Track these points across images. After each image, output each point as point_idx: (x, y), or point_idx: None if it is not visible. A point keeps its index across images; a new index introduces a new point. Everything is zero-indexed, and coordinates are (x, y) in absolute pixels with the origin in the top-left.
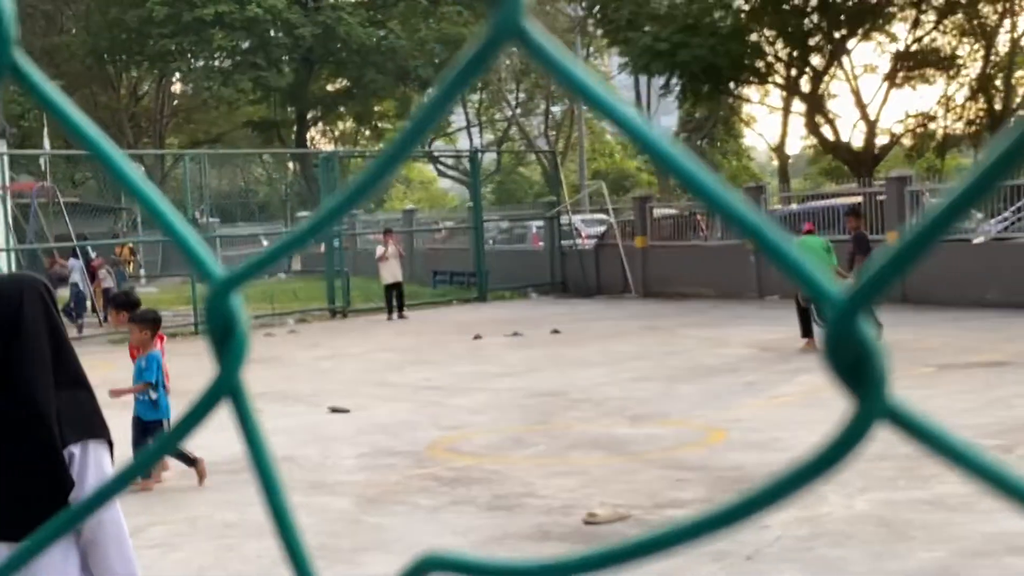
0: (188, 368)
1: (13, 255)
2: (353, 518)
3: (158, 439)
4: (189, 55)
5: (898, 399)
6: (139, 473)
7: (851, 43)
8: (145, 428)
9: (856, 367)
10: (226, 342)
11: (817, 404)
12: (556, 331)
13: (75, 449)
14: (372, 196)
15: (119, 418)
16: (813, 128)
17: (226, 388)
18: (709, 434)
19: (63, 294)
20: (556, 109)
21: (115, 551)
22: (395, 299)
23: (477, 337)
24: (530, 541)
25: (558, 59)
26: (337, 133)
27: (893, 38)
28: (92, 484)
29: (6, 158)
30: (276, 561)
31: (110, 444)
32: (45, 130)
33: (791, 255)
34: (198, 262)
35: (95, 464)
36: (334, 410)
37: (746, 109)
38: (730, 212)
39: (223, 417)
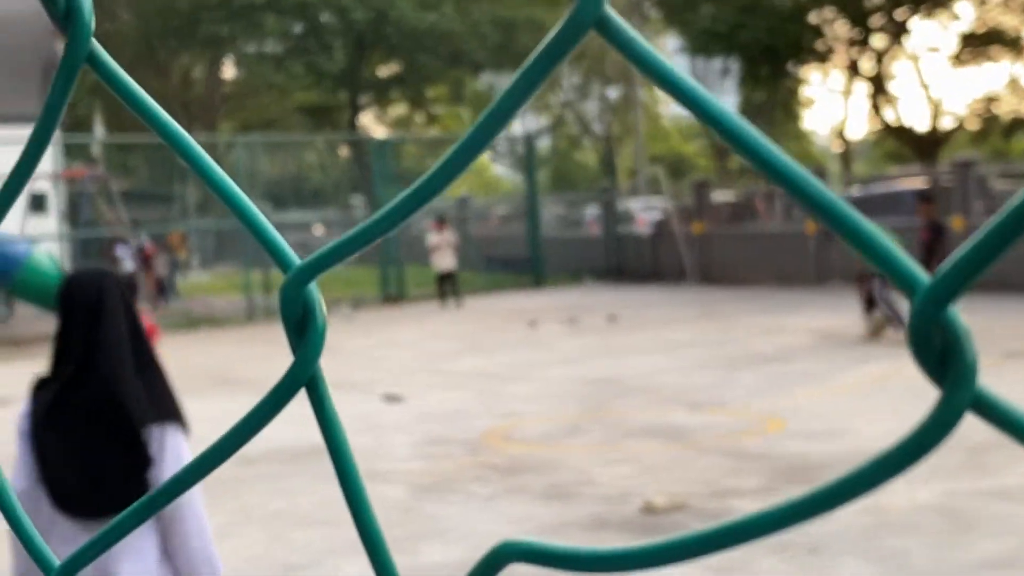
0: (240, 355)
1: (67, 242)
2: (408, 507)
3: (236, 427)
4: (241, 40)
5: (983, 387)
6: (221, 461)
7: (913, 23)
8: None
9: (943, 355)
10: (303, 331)
11: (878, 392)
12: (612, 318)
13: (154, 431)
14: (442, 190)
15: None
16: (875, 110)
17: (303, 377)
18: (767, 422)
19: None
20: (612, 93)
21: (195, 527)
22: (449, 288)
23: (532, 324)
24: (587, 530)
25: (641, 47)
26: (390, 118)
27: (957, 17)
28: (170, 465)
29: (60, 145)
30: (325, 550)
31: (185, 427)
32: (98, 117)
33: (877, 239)
34: (274, 250)
35: (172, 446)
36: (388, 398)
37: (806, 91)
38: (813, 197)
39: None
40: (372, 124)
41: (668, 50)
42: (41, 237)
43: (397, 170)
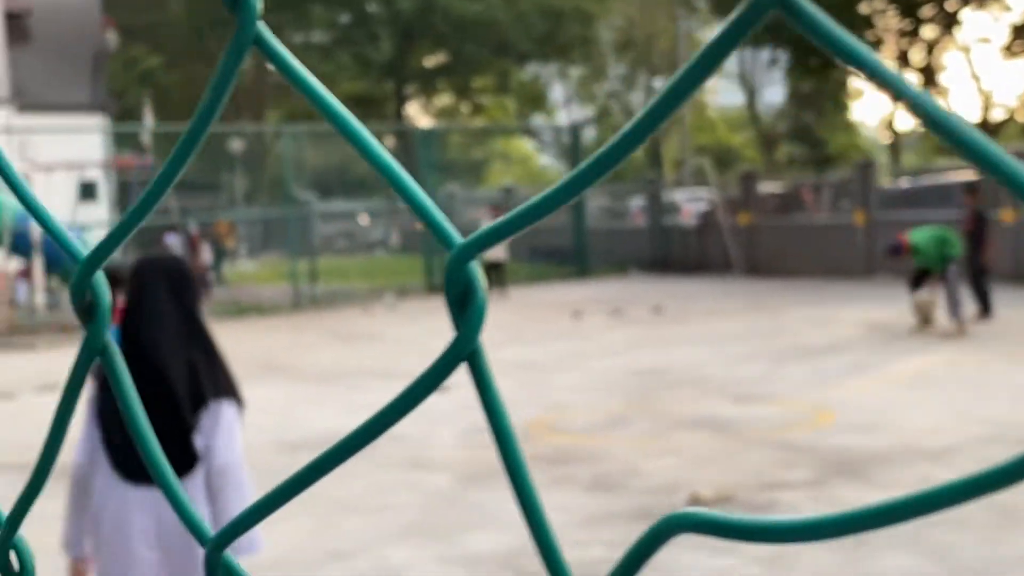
0: (286, 343)
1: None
2: (454, 496)
3: (395, 402)
4: (289, 30)
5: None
6: (375, 436)
7: (964, 13)
8: None
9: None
10: (465, 306)
11: (927, 384)
12: (657, 309)
13: (210, 404)
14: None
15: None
16: None
17: (464, 352)
18: (816, 415)
19: None
20: (658, 83)
21: (236, 499)
22: (496, 278)
23: (577, 315)
24: (633, 521)
25: (827, 26)
26: (435, 108)
27: (1008, 8)
28: (223, 435)
29: (109, 133)
30: (373, 537)
31: (240, 401)
32: (147, 106)
33: None
34: (438, 229)
35: (226, 418)
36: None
37: (855, 82)
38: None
39: (323, 393)
40: (418, 114)
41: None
42: (91, 224)
43: (443, 160)
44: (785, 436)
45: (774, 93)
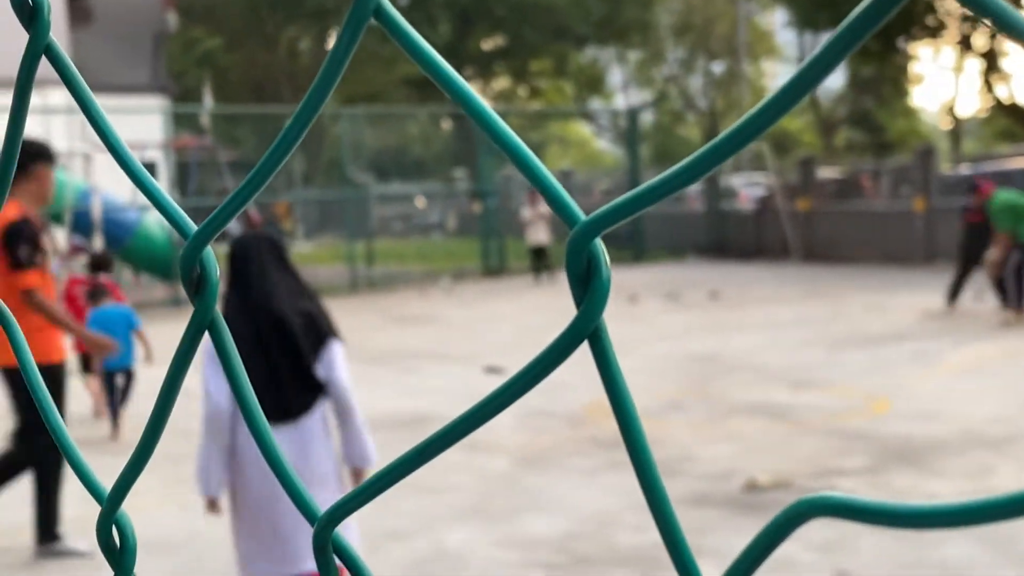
0: (343, 325)
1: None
2: (510, 479)
3: (517, 376)
4: (347, 12)
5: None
6: (499, 410)
7: None
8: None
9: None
10: (587, 283)
11: (986, 373)
12: (714, 294)
13: (325, 345)
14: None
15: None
16: (987, 87)
17: (587, 329)
18: (874, 403)
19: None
20: (717, 67)
21: (355, 437)
22: (542, 262)
23: (632, 299)
24: (689, 506)
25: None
26: (493, 91)
27: None
28: (338, 369)
29: (169, 114)
30: (429, 518)
31: (342, 339)
32: (206, 87)
33: None
34: (562, 205)
35: (337, 354)
36: (490, 370)
37: (916, 68)
38: None
39: (378, 375)
40: (471, 89)
41: (775, 24)
42: (151, 205)
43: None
44: (842, 423)
45: (834, 78)
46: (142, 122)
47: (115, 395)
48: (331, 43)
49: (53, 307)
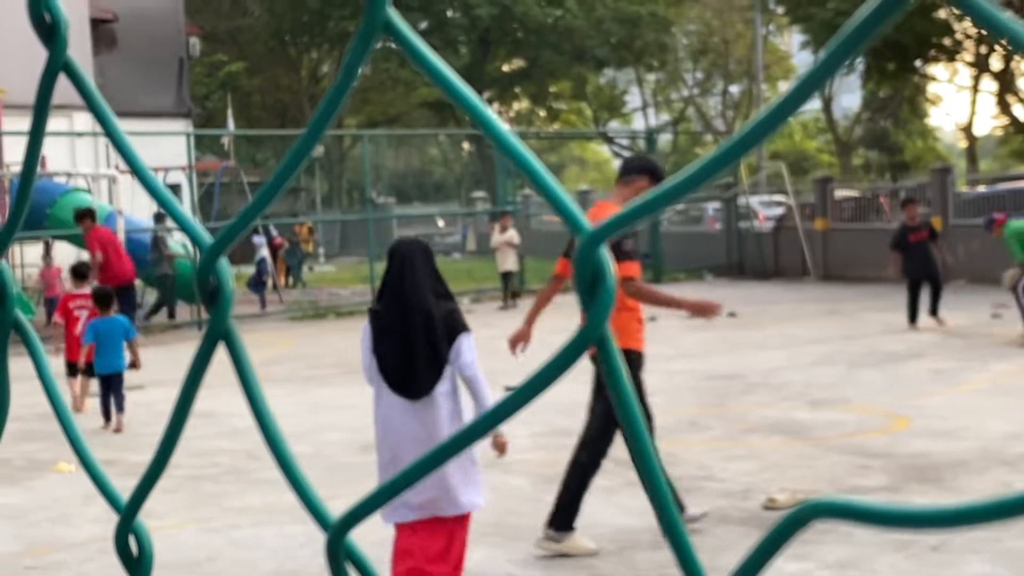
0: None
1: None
2: (530, 496)
3: (527, 383)
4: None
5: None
6: (511, 414)
7: None
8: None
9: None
10: (594, 292)
11: (1005, 392)
12: (732, 314)
13: (459, 337)
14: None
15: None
16: (1004, 107)
17: (594, 335)
18: (892, 421)
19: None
20: (734, 89)
21: (484, 393)
22: (508, 287)
23: (652, 319)
24: (709, 524)
25: (990, 11)
26: (512, 113)
27: None
28: (466, 359)
29: (192, 137)
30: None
31: (470, 332)
32: (229, 110)
33: None
34: (569, 216)
35: (467, 347)
36: (509, 390)
37: (932, 88)
38: None
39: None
40: (480, 101)
41: (792, 46)
42: (175, 227)
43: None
44: (860, 441)
45: (851, 98)
46: (166, 145)
47: (109, 396)
48: None
49: (653, 291)
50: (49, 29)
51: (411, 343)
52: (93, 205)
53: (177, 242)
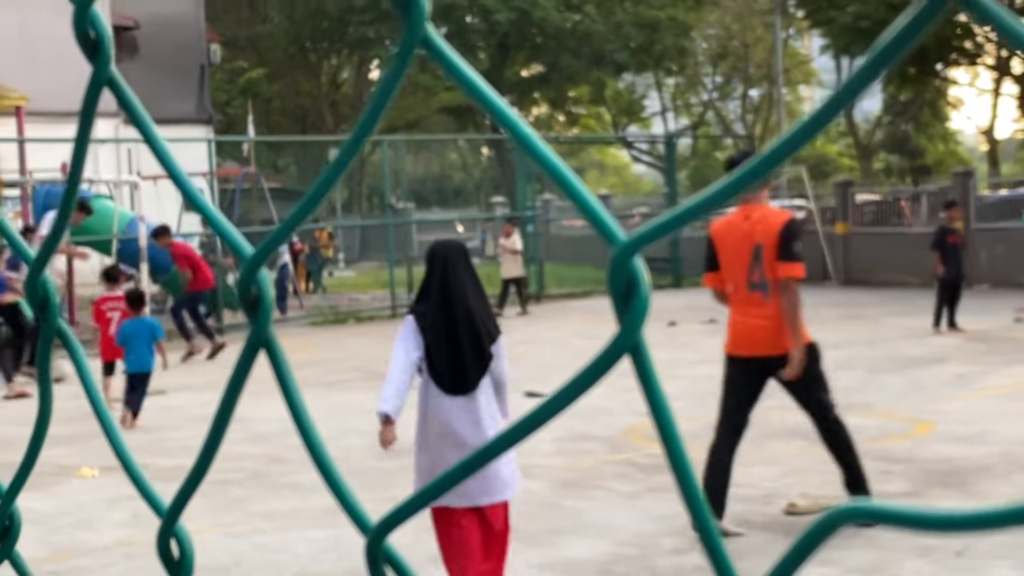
0: (384, 349)
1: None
2: (551, 501)
3: (561, 391)
4: (388, 42)
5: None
6: (544, 421)
7: None
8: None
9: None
10: (628, 300)
11: None
12: None
13: (497, 338)
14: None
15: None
16: None
17: (628, 344)
18: (915, 426)
19: (272, 276)
20: (754, 93)
21: (506, 400)
22: (507, 295)
23: (672, 324)
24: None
25: (1008, 21)
26: (531, 118)
27: None
28: (503, 359)
29: (213, 144)
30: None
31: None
32: (250, 116)
33: None
34: (603, 226)
35: (503, 348)
36: (530, 394)
37: (954, 91)
38: None
39: (415, 399)
40: (516, 114)
41: (811, 50)
42: (194, 233)
43: (539, 170)
44: (883, 446)
45: (871, 102)
46: (188, 152)
47: (135, 394)
48: (373, 72)
49: (798, 306)
50: (94, 45)
51: (458, 341)
52: (115, 211)
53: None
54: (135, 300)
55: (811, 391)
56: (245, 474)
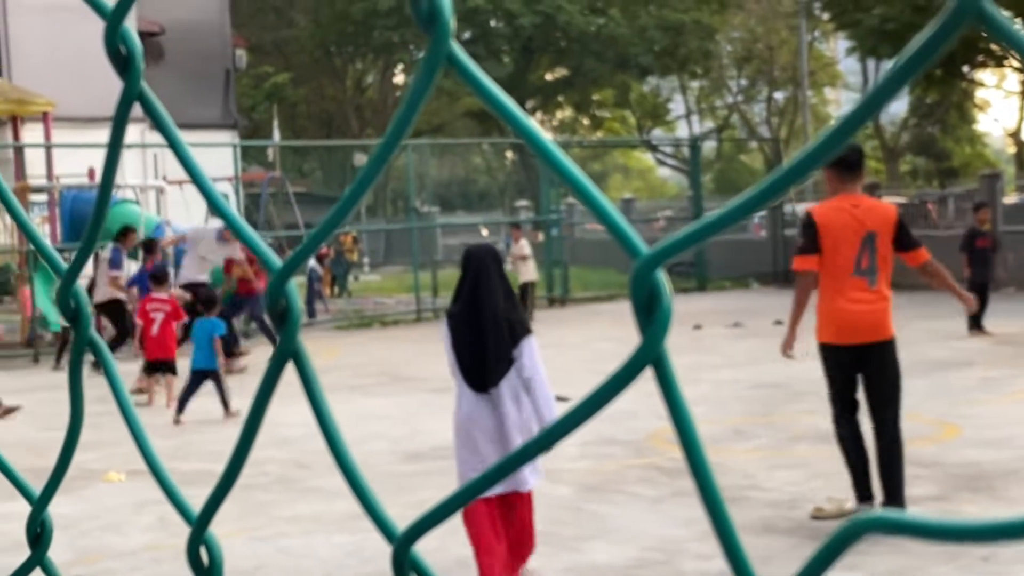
0: (410, 354)
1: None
2: (575, 506)
3: (584, 403)
4: (412, 46)
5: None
6: (567, 433)
7: None
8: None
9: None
10: (651, 312)
11: None
12: (779, 322)
13: (524, 339)
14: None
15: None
16: None
17: (651, 355)
18: (942, 429)
19: (300, 280)
20: (779, 95)
21: (541, 393)
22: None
23: (697, 327)
24: (755, 534)
25: (1021, 38)
26: (555, 122)
27: None
28: (528, 360)
29: (238, 149)
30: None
31: (533, 334)
32: (275, 121)
33: None
34: (625, 238)
35: (530, 348)
36: (558, 399)
37: (980, 93)
38: None
39: (443, 404)
40: (538, 128)
41: (837, 52)
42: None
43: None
44: (909, 450)
45: (897, 105)
46: (213, 156)
47: (192, 391)
48: (397, 76)
49: (945, 273)
50: (124, 61)
51: (483, 342)
52: (141, 216)
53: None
54: (207, 301)
55: (895, 389)
56: (270, 479)
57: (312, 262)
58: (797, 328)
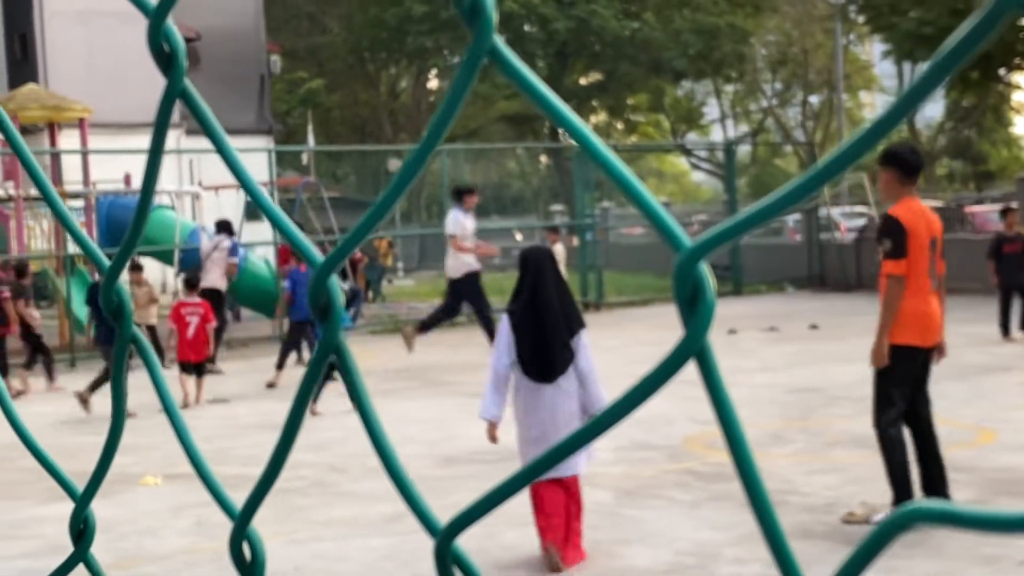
0: (443, 357)
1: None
2: (612, 510)
3: (627, 395)
4: (446, 52)
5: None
6: (608, 427)
7: None
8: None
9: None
10: (694, 306)
11: None
12: (814, 326)
13: (577, 333)
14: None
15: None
16: None
17: (693, 348)
18: (979, 434)
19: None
20: (814, 99)
21: (594, 387)
22: None
23: (732, 332)
24: (792, 538)
25: None
26: (590, 126)
27: None
28: (583, 354)
29: (273, 154)
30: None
31: (586, 328)
32: (309, 126)
33: None
34: (668, 231)
35: (584, 343)
36: None
37: (1017, 96)
38: None
39: (477, 408)
40: (580, 120)
41: (873, 55)
42: (256, 243)
43: (597, 178)
44: (946, 455)
45: (933, 108)
46: (248, 162)
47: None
48: (431, 82)
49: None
50: (168, 58)
51: (544, 335)
52: (177, 221)
53: (260, 257)
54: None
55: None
56: (306, 482)
57: (345, 266)
58: (887, 336)
